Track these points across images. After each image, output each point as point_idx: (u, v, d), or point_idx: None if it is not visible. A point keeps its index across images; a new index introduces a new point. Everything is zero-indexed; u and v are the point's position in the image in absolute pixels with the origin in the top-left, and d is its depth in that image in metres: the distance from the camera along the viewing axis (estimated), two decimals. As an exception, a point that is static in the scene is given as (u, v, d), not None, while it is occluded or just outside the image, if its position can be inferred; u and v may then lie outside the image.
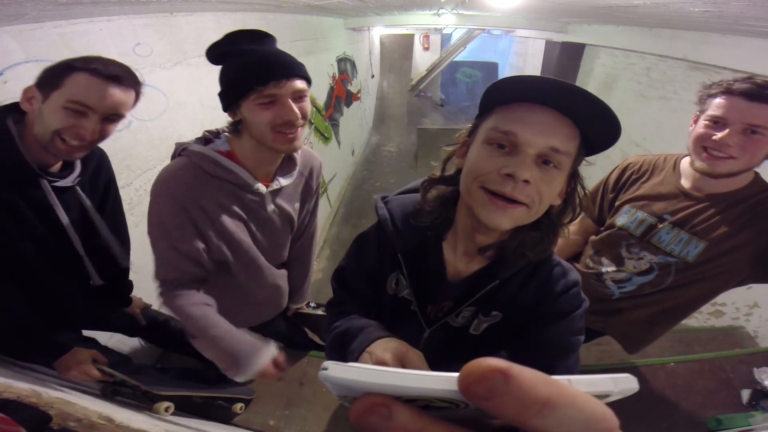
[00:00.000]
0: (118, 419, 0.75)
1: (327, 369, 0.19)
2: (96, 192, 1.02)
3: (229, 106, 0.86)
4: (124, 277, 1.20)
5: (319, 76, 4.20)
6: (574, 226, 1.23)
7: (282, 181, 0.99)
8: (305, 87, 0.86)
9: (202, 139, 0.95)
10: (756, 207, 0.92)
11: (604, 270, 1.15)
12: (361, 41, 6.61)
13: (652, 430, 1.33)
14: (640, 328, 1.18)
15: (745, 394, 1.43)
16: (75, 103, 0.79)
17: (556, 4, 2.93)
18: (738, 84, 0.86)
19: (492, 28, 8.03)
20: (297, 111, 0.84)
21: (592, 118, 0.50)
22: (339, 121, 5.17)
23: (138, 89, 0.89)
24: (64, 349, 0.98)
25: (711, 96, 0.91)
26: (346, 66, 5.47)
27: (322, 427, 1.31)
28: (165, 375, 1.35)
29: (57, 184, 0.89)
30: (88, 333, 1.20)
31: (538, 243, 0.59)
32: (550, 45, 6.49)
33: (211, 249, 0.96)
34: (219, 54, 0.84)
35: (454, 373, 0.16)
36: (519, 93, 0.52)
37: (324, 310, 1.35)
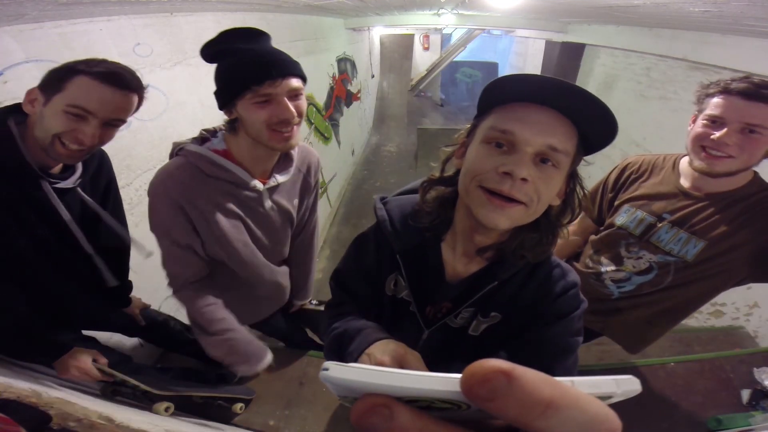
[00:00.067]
0: (118, 419, 0.75)
1: (328, 369, 0.19)
2: (97, 192, 1.02)
3: (224, 105, 0.87)
4: (124, 278, 1.20)
5: (319, 76, 4.20)
6: (573, 226, 1.23)
7: (279, 178, 1.00)
8: (301, 85, 0.86)
9: (198, 138, 0.95)
10: (755, 206, 0.92)
11: (603, 270, 1.15)
12: (361, 41, 6.61)
13: (652, 430, 1.33)
14: (639, 328, 1.18)
15: (745, 394, 1.43)
16: (75, 107, 0.78)
17: (556, 4, 2.93)
18: (735, 83, 0.86)
19: (492, 28, 8.02)
20: (293, 109, 0.84)
21: (589, 117, 0.50)
22: (339, 121, 5.17)
23: (141, 93, 0.88)
24: (64, 349, 0.97)
25: (709, 96, 0.92)
26: (346, 66, 5.47)
27: (322, 427, 1.31)
28: (165, 375, 1.35)
29: (58, 186, 0.88)
30: (88, 333, 1.20)
31: (537, 244, 0.59)
32: (550, 45, 6.48)
33: (208, 248, 0.97)
34: (214, 52, 0.84)
35: (456, 374, 0.16)
36: (517, 92, 0.52)
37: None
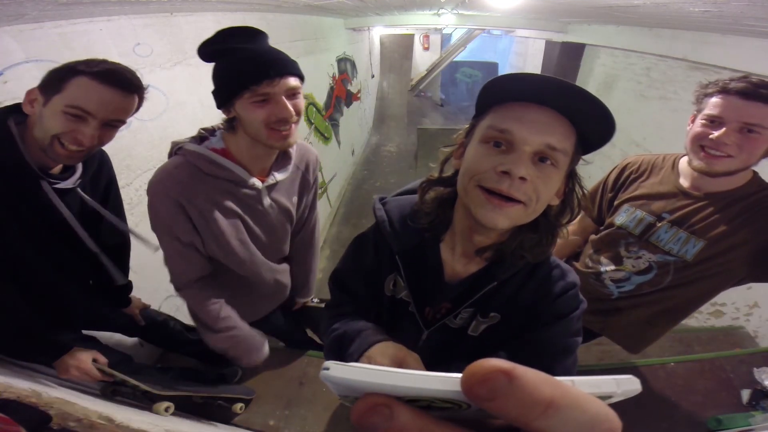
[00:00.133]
0: (118, 419, 0.75)
1: (329, 369, 0.19)
2: (97, 192, 1.02)
3: (223, 104, 0.87)
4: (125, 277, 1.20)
5: (319, 76, 4.20)
6: (573, 226, 1.23)
7: (277, 176, 1.00)
8: (298, 84, 0.86)
9: (197, 137, 0.95)
10: (754, 206, 0.92)
11: (603, 269, 1.15)
12: (361, 41, 6.61)
13: (652, 430, 1.33)
14: (639, 328, 1.18)
15: (745, 394, 1.43)
16: (74, 107, 0.78)
17: (556, 4, 2.93)
18: (734, 83, 0.86)
19: (492, 28, 8.02)
20: (291, 108, 0.84)
21: (587, 116, 0.50)
22: (339, 121, 5.17)
23: (141, 94, 0.88)
24: (64, 349, 0.97)
25: (707, 95, 0.92)
26: (346, 66, 5.48)
27: (322, 427, 1.31)
28: (165, 375, 1.35)
29: (58, 186, 0.88)
30: (88, 333, 1.20)
31: (536, 245, 0.59)
32: (550, 45, 6.48)
33: (206, 246, 0.98)
34: (212, 52, 0.84)
35: (456, 373, 0.16)
36: (515, 92, 0.52)
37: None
